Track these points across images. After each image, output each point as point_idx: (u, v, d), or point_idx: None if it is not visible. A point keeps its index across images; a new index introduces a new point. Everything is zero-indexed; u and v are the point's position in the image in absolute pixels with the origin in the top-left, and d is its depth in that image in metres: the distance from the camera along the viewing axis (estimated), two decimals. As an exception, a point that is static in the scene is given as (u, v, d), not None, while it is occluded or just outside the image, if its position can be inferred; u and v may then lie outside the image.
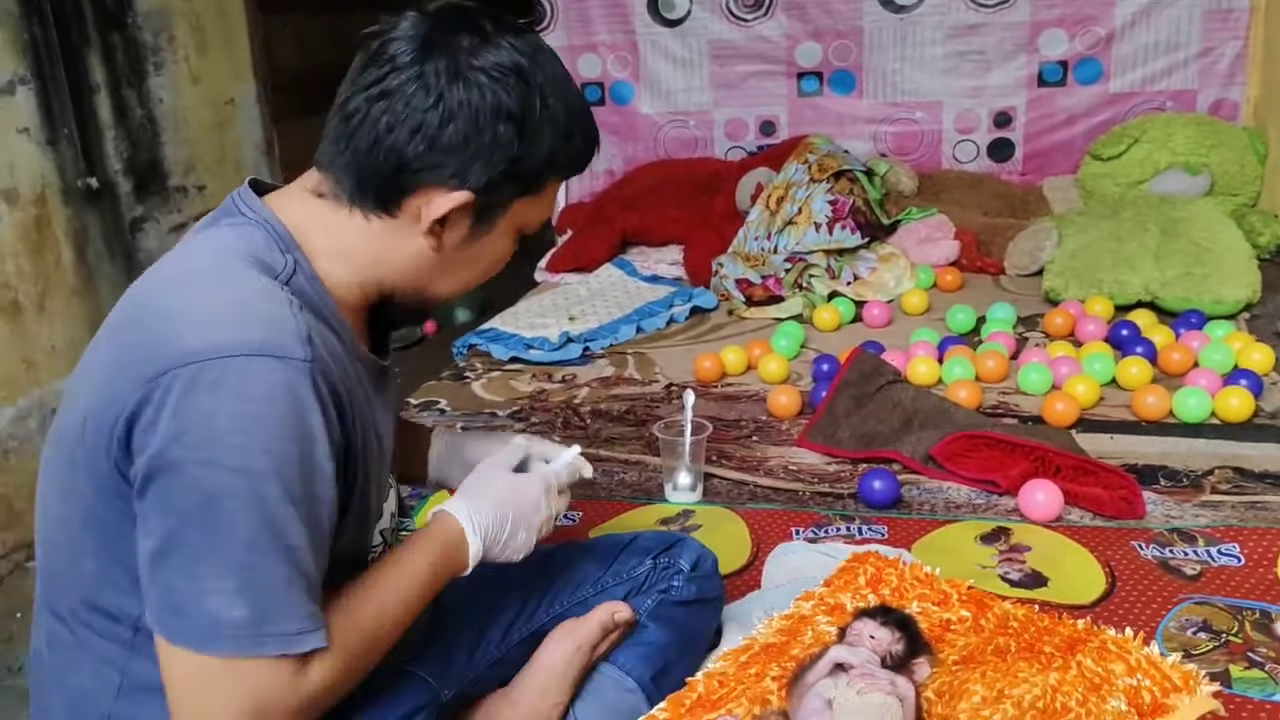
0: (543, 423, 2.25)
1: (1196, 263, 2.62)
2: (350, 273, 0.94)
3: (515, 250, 1.00)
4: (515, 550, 1.04)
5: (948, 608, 1.18)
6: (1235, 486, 1.79)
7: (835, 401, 2.09)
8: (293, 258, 0.91)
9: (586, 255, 3.34)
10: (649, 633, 1.20)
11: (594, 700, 1.14)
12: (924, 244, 3.14)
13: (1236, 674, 1.30)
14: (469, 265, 0.97)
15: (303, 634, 0.81)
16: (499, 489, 1.05)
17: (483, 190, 0.91)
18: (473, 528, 1.01)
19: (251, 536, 0.79)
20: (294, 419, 0.81)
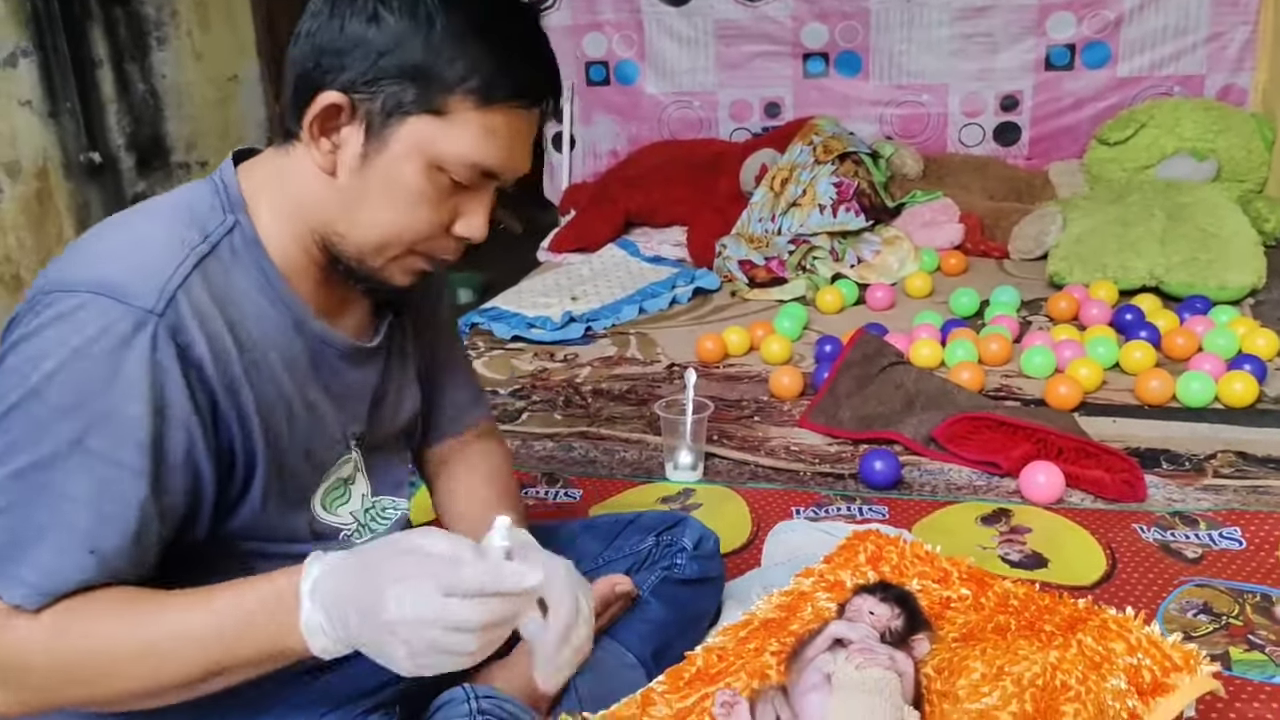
0: (544, 401, 2.25)
1: (1202, 248, 2.61)
2: (287, 229, 0.91)
3: (445, 189, 0.88)
4: (377, 653, 0.77)
5: (948, 585, 1.18)
6: (1238, 471, 1.78)
7: (837, 382, 2.08)
8: (234, 218, 0.89)
9: (589, 235, 3.33)
10: (651, 609, 1.19)
11: (594, 673, 1.13)
12: (928, 227, 3.13)
13: (1237, 656, 1.30)
14: (377, 199, 0.88)
15: (20, 587, 0.78)
16: (362, 555, 0.80)
17: (361, 93, 0.85)
18: (312, 591, 0.79)
19: (30, 463, 0.78)
20: (111, 367, 0.79)
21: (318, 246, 0.92)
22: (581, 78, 3.87)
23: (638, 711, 0.98)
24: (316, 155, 0.88)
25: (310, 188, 0.90)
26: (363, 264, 0.92)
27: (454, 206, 0.91)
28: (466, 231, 0.92)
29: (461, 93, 0.85)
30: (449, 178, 0.88)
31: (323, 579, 0.79)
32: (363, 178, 0.88)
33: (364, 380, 1.01)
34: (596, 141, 3.92)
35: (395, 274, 0.94)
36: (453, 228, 0.92)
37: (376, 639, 0.76)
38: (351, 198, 0.89)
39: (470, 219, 0.92)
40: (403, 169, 0.87)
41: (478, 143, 0.87)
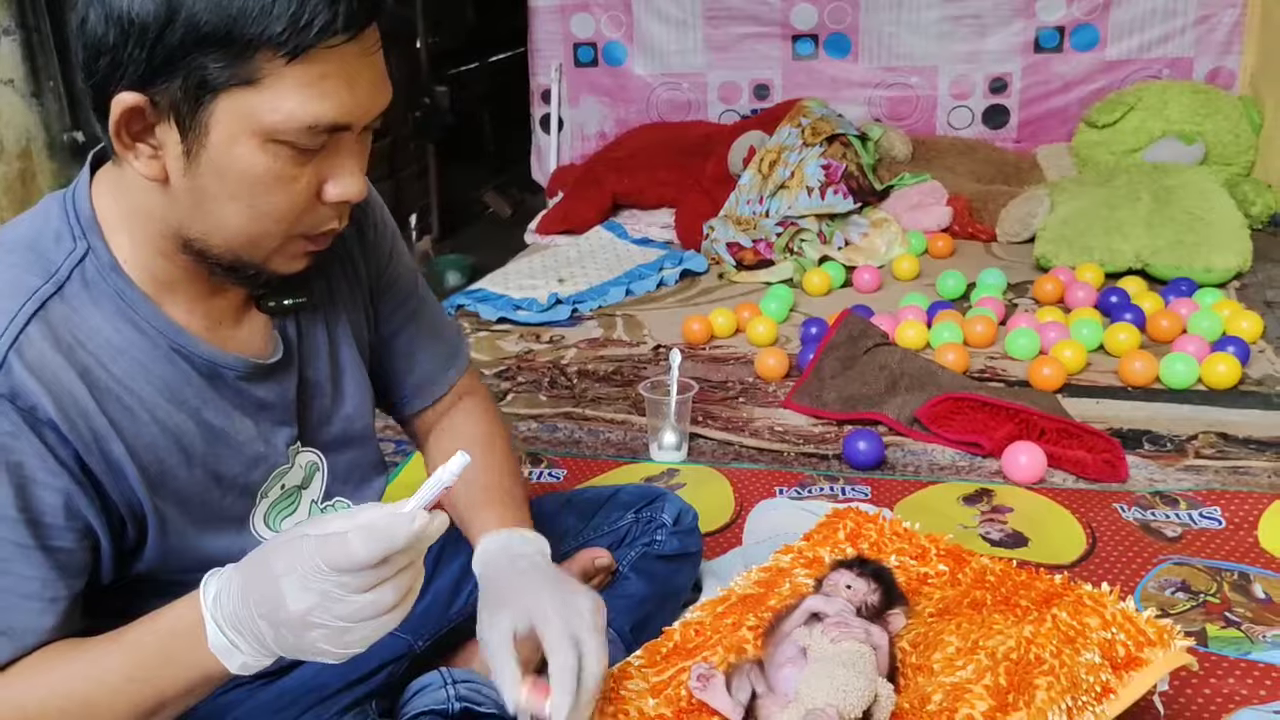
0: (529, 382, 2.24)
1: (1188, 231, 2.62)
2: (146, 246, 0.82)
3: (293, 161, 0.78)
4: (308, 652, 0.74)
5: (925, 562, 1.18)
6: (1219, 451, 1.79)
7: (822, 364, 2.08)
8: (85, 244, 0.81)
9: (576, 217, 3.33)
10: (630, 584, 1.20)
11: None
12: (916, 210, 3.13)
13: (1213, 633, 1.31)
14: (221, 194, 0.77)
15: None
16: (246, 564, 0.75)
17: (154, 84, 0.74)
18: (214, 606, 0.75)
19: None
20: None
21: (187, 256, 0.83)
22: (569, 59, 3.85)
23: (614, 685, 0.98)
24: (139, 166, 0.77)
25: (150, 200, 0.80)
26: (241, 263, 0.82)
27: (315, 174, 0.80)
28: (340, 194, 0.81)
29: (265, 49, 0.73)
30: (290, 147, 0.76)
31: (220, 595, 0.74)
32: (196, 176, 0.77)
33: (280, 391, 0.93)
34: (584, 123, 3.90)
35: (281, 263, 0.84)
36: (323, 196, 0.81)
37: (294, 639, 0.72)
38: (195, 200, 0.78)
39: (340, 179, 0.81)
40: (235, 154, 0.76)
41: (306, 100, 0.74)
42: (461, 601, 1.17)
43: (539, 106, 3.95)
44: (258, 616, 0.72)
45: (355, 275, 1.03)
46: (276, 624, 0.72)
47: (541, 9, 3.82)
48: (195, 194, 0.78)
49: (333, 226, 0.84)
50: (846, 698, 0.88)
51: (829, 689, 0.89)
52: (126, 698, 0.76)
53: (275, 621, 0.72)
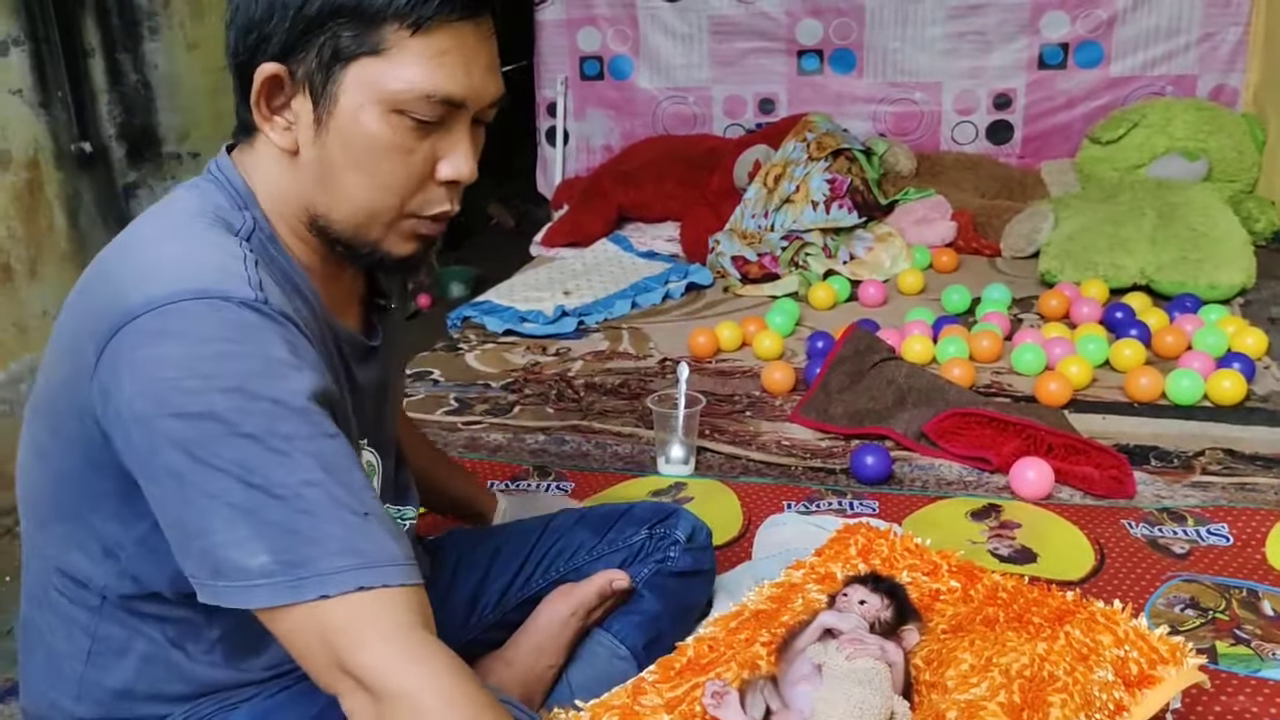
0: (536, 395, 2.25)
1: (1193, 247, 2.62)
2: (282, 224, 0.88)
3: (412, 133, 0.83)
4: None
5: (937, 578, 1.18)
6: (1226, 468, 1.79)
7: (829, 378, 2.09)
8: (250, 215, 0.87)
9: (582, 230, 3.33)
10: (644, 602, 1.20)
11: (587, 665, 1.14)
12: (921, 224, 3.13)
13: (1223, 650, 1.31)
14: (345, 164, 0.83)
15: (341, 572, 0.72)
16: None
17: (294, 56, 0.81)
18: None
19: (241, 477, 0.72)
20: (249, 353, 0.74)
21: (313, 234, 0.88)
22: (575, 72, 3.87)
23: (629, 701, 0.98)
24: (275, 137, 0.84)
25: (282, 175, 0.86)
26: (358, 239, 0.87)
27: (430, 151, 0.85)
28: (453, 173, 0.86)
29: (392, 21, 0.80)
30: (411, 118, 0.82)
31: None
32: (324, 146, 0.83)
33: (370, 379, 0.98)
34: (590, 136, 3.91)
35: (395, 243, 0.88)
36: (436, 174, 0.86)
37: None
38: (320, 171, 0.84)
39: (453, 158, 0.86)
40: (360, 122, 0.82)
41: (426, 71, 0.81)
42: (477, 616, 1.17)
43: (544, 119, 3.96)
44: None
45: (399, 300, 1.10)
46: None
47: (548, 23, 3.84)
48: (322, 165, 0.84)
49: (444, 208, 0.88)
50: (862, 715, 0.89)
51: (845, 707, 0.89)
52: None
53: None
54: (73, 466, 0.82)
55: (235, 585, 0.72)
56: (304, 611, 0.72)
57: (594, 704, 0.98)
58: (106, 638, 0.88)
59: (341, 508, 0.74)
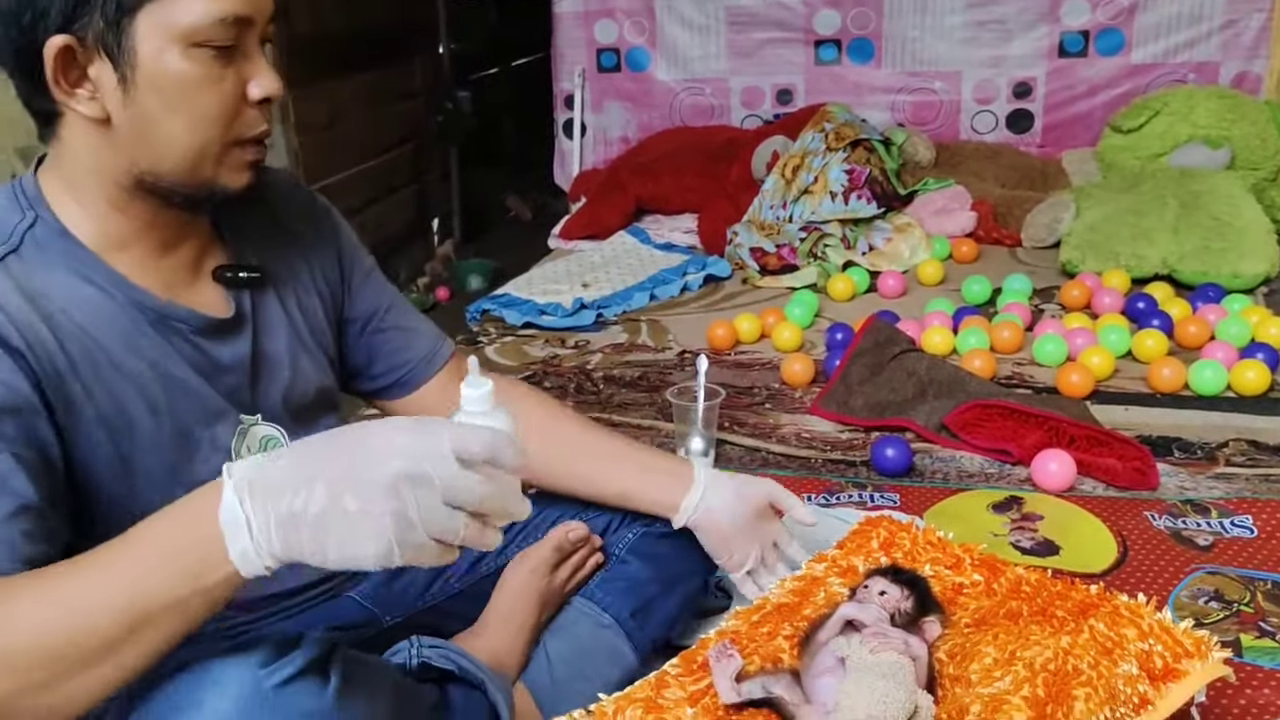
0: (556, 388, 2.25)
1: (1216, 236, 2.60)
2: (101, 204, 0.89)
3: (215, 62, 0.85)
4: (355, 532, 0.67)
5: (960, 571, 1.18)
6: (1249, 459, 1.78)
7: (849, 370, 2.08)
8: (34, 214, 0.88)
9: (600, 222, 3.33)
10: (629, 567, 1.17)
11: (566, 634, 1.12)
12: (940, 215, 3.12)
13: (1247, 643, 1.30)
14: (161, 114, 0.85)
15: None
16: (310, 440, 0.73)
17: (77, 23, 0.81)
18: (237, 486, 0.69)
19: None
20: None
21: (141, 202, 0.89)
22: (593, 64, 3.86)
23: (652, 694, 0.98)
24: (82, 110, 0.84)
25: (96, 149, 0.87)
26: (194, 181, 0.89)
27: (236, 76, 0.87)
28: (262, 91, 0.89)
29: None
30: (210, 48, 0.84)
31: (254, 472, 0.69)
32: (136, 103, 0.84)
33: (234, 353, 0.98)
34: (607, 128, 3.91)
35: (229, 176, 0.90)
36: (248, 96, 0.88)
37: (354, 508, 0.66)
38: (138, 130, 0.85)
39: (259, 79, 0.88)
40: (165, 66, 0.83)
41: (210, 1, 0.83)
42: (442, 583, 1.17)
43: (562, 111, 3.96)
44: (319, 480, 0.67)
45: (316, 263, 1.08)
46: (346, 487, 0.66)
47: (565, 15, 3.83)
48: (138, 122, 0.85)
49: (263, 129, 0.91)
50: (887, 709, 0.89)
51: (869, 700, 0.89)
52: (121, 598, 0.68)
53: (347, 483, 0.66)
54: None
55: None
56: None
57: (617, 697, 0.98)
58: None
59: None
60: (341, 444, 0.70)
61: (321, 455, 0.69)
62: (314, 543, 0.68)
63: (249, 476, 0.69)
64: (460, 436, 0.68)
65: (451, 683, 0.97)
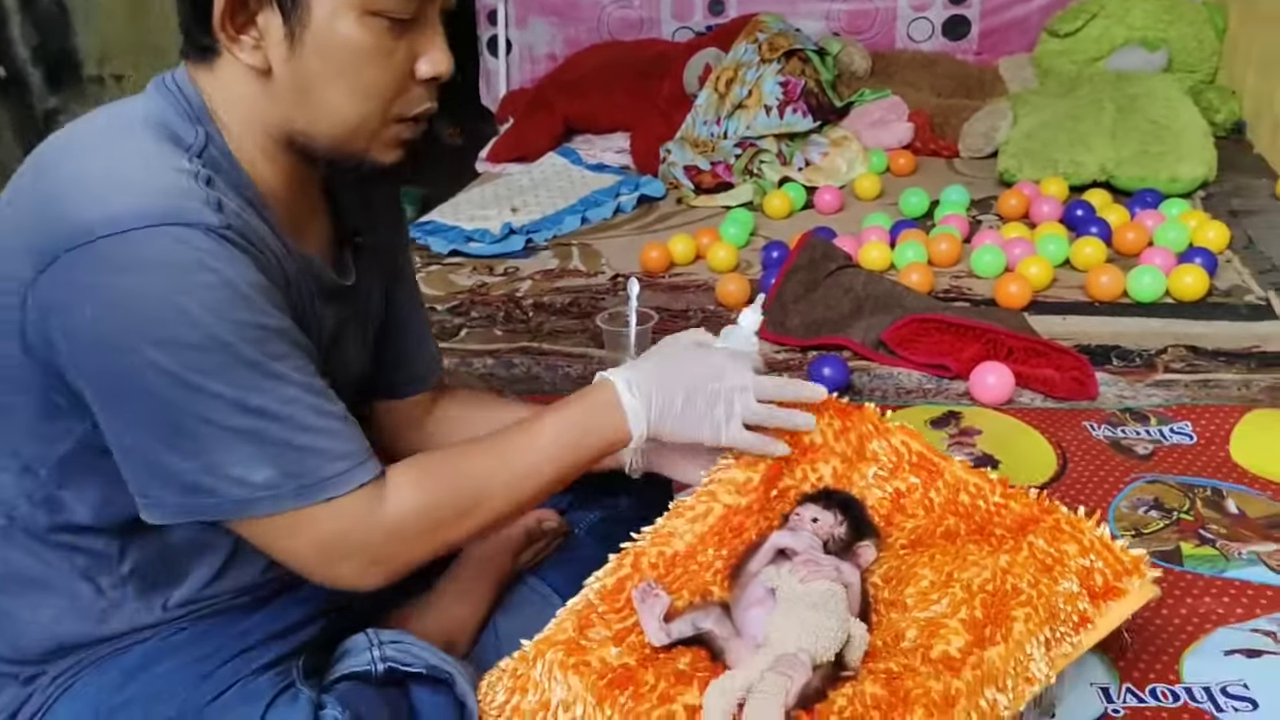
0: (483, 317, 2.17)
1: (1154, 140, 2.57)
2: (249, 144, 0.84)
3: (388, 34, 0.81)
4: (700, 423, 0.95)
5: (898, 474, 1.11)
6: (1188, 365, 1.76)
7: (784, 288, 2.02)
8: (203, 129, 0.82)
9: (528, 144, 3.21)
10: (585, 549, 1.12)
11: (517, 614, 1.07)
12: (877, 127, 3.05)
13: (1188, 551, 1.29)
14: (325, 78, 0.81)
15: (338, 476, 0.79)
16: (660, 354, 0.99)
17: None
18: (628, 385, 0.94)
19: (238, 401, 0.75)
20: (224, 281, 0.75)
21: (289, 156, 0.85)
22: (516, -23, 3.69)
23: (574, 634, 0.92)
24: (244, 57, 0.80)
25: (253, 97, 0.82)
26: (344, 152, 0.84)
27: (408, 50, 0.83)
28: (432, 70, 0.84)
29: None
30: (386, 19, 0.80)
31: (633, 377, 0.94)
32: (300, 61, 0.80)
33: (327, 321, 0.93)
34: (533, 45, 3.74)
35: (381, 151, 0.86)
36: (416, 73, 0.84)
37: (703, 404, 0.95)
38: (298, 88, 0.81)
39: (431, 55, 0.84)
40: (336, 30, 0.79)
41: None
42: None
43: (485, 29, 3.79)
44: (680, 386, 0.94)
45: (384, 250, 1.04)
46: (700, 393, 0.95)
47: (484, -76, 3.65)
48: (299, 80, 0.81)
49: (426, 107, 0.86)
50: (818, 640, 0.84)
51: (799, 632, 0.84)
52: (553, 471, 0.91)
53: (700, 389, 0.95)
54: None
55: (228, 500, 0.77)
56: (303, 515, 0.79)
57: (538, 640, 0.92)
58: (13, 563, 0.85)
59: (328, 416, 0.80)
60: (691, 364, 0.97)
61: (683, 371, 0.96)
62: (682, 421, 0.95)
63: (636, 385, 0.94)
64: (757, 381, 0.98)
65: (416, 682, 0.91)
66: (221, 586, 0.90)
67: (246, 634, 0.89)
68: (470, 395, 1.19)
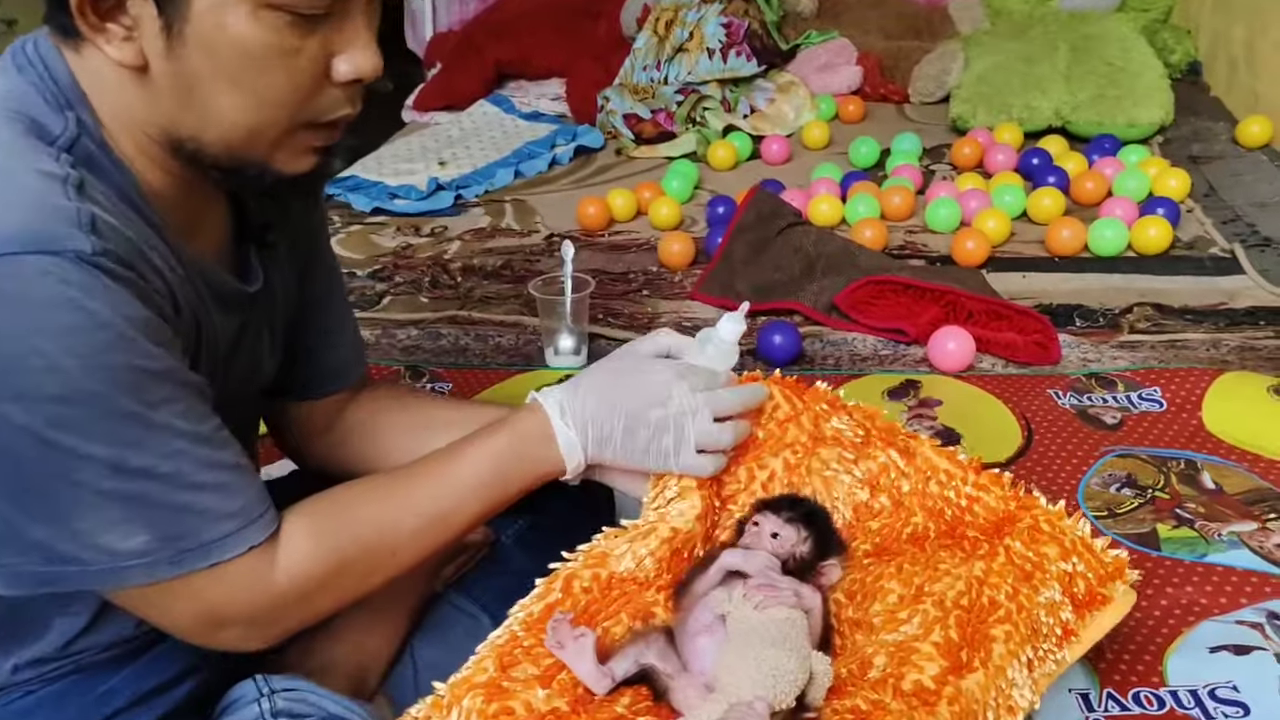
0: (408, 283, 2.01)
1: (1109, 84, 2.48)
2: (126, 136, 0.70)
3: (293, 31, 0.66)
4: (645, 454, 0.85)
5: (869, 448, 0.99)
6: (1154, 324, 1.68)
7: (732, 248, 1.90)
8: (74, 116, 0.68)
9: (457, 91, 3.02)
10: (514, 560, 0.98)
11: (439, 639, 0.93)
12: (824, 71, 2.92)
13: (1165, 534, 1.20)
14: (213, 79, 0.66)
15: (225, 538, 0.69)
16: (606, 370, 0.87)
17: None
18: (561, 411, 0.84)
19: (111, 461, 0.64)
20: (97, 322, 0.62)
21: (174, 159, 0.71)
22: (440, -90, 3.46)
23: (497, 674, 0.80)
24: (112, 51, 0.66)
25: (126, 92, 0.68)
26: (240, 162, 0.70)
27: (320, 48, 0.68)
28: (353, 71, 0.69)
29: None
30: (289, 12, 0.65)
31: (566, 402, 0.84)
32: (180, 59, 0.65)
33: (224, 328, 0.79)
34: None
35: (285, 160, 0.72)
36: (332, 74, 0.69)
37: (646, 436, 0.84)
38: (181, 89, 0.67)
39: (352, 53, 0.68)
40: (225, 25, 0.64)
41: None
42: None
43: (410, -34, 3.57)
44: (619, 414, 0.83)
45: (299, 234, 0.91)
46: (641, 422, 0.84)
47: None
48: (181, 81, 0.67)
49: (344, 112, 0.72)
50: (777, 684, 0.72)
51: (755, 675, 0.72)
52: (478, 508, 0.83)
53: (641, 418, 0.84)
54: None
55: (91, 570, 0.66)
56: (181, 583, 0.69)
57: (453, 682, 0.80)
58: None
59: (217, 468, 0.69)
60: (629, 388, 0.85)
61: (620, 396, 0.84)
62: (626, 455, 0.86)
63: (570, 412, 0.84)
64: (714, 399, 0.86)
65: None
66: (87, 642, 0.76)
67: (111, 697, 0.76)
68: (390, 393, 1.04)
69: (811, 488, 0.96)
